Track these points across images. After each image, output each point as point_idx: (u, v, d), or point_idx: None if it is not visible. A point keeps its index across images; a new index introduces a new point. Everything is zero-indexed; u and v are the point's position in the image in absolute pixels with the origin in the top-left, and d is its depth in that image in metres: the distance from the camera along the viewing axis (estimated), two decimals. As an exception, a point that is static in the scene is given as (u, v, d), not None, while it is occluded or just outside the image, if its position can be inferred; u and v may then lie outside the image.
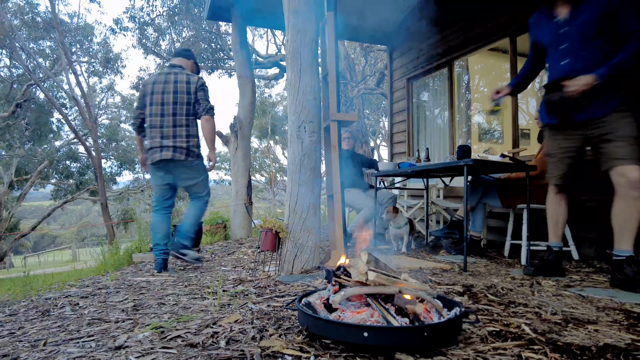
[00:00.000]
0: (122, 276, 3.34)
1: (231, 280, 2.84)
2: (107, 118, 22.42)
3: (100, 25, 27.86)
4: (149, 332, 1.64)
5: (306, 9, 3.13)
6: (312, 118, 3.08)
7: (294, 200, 3.03)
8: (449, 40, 5.63)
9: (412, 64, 6.49)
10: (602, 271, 3.03)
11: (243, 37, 6.52)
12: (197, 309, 2.04)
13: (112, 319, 1.91)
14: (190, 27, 13.73)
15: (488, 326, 1.61)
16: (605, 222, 3.54)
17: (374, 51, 13.66)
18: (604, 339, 1.47)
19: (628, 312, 1.87)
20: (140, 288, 2.73)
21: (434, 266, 3.16)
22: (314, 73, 3.14)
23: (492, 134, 7.45)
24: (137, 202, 23.37)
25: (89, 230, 36.82)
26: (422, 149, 6.26)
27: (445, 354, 1.32)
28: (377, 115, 21.75)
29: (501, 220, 4.71)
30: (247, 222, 6.53)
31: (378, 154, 22.28)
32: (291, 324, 1.67)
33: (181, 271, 3.43)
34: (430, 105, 6.55)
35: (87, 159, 18.86)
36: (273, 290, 2.40)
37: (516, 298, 2.12)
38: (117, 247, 4.76)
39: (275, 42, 16.03)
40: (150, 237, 5.06)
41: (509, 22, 4.67)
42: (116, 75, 18.80)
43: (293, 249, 2.99)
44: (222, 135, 6.96)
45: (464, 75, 6.12)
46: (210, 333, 1.59)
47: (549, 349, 1.36)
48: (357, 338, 1.31)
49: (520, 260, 3.47)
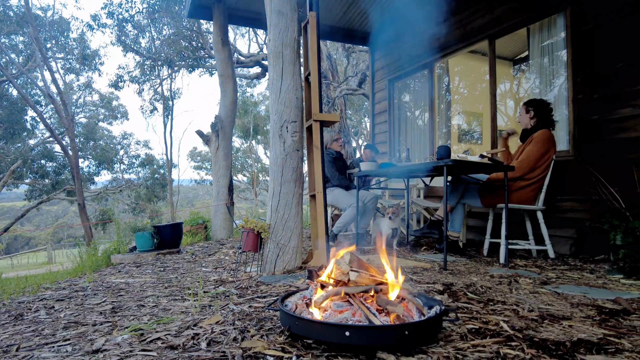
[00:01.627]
0: (100, 278, 3.27)
1: (212, 281, 2.81)
2: (85, 116, 21.91)
3: (76, 20, 27.24)
4: (128, 334, 1.61)
5: (288, 9, 3.13)
6: (294, 118, 3.08)
7: (276, 200, 3.02)
8: (429, 42, 5.70)
9: (393, 65, 6.55)
10: (577, 268, 3.12)
11: (224, 36, 6.47)
12: (178, 310, 2.01)
13: (89, 322, 1.86)
14: (170, 25, 13.54)
15: (468, 324, 1.64)
16: (579, 222, 3.67)
17: (356, 52, 13.72)
18: (578, 334, 1.52)
19: (600, 308, 1.93)
20: (119, 290, 2.67)
21: (415, 265, 3.20)
22: (296, 73, 3.14)
23: (472, 135, 7.57)
24: (115, 203, 22.90)
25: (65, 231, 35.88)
26: (403, 149, 6.32)
27: (426, 352, 1.34)
28: (360, 115, 21.87)
29: (480, 219, 4.80)
30: (228, 223, 6.47)
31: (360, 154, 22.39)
32: (273, 324, 1.67)
33: (161, 272, 3.38)
34: (411, 106, 6.62)
35: (64, 158, 18.37)
36: (255, 290, 2.39)
37: (495, 296, 2.16)
38: (95, 248, 4.65)
39: (257, 41, 15.96)
40: (128, 237, 4.97)
41: (488, 25, 4.76)
42: (94, 72, 18.40)
43: (275, 249, 2.98)
44: (203, 134, 6.88)
45: (444, 77, 6.21)
46: (190, 335, 1.57)
47: (526, 345, 1.39)
48: (339, 337, 1.32)
49: (499, 259, 3.54)
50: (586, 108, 3.72)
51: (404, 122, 6.66)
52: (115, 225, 5.24)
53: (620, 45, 3.45)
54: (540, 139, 3.45)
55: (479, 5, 4.88)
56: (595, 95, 3.64)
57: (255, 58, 13.60)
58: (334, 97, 10.62)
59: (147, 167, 22.85)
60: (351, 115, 21.09)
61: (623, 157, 3.40)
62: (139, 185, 22.49)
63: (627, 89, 3.39)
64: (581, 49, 3.77)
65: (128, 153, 23.49)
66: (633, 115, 3.35)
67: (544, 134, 3.46)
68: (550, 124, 3.56)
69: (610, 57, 3.52)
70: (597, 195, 3.47)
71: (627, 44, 3.40)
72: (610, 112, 3.51)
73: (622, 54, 3.44)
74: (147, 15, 13.58)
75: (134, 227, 4.94)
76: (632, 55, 3.36)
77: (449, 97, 6.19)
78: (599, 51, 3.61)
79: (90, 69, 18.07)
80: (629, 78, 3.37)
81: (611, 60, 3.51)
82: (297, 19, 3.21)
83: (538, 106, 3.60)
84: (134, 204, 21.69)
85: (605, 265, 3.20)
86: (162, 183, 21.72)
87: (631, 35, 3.37)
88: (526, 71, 6.80)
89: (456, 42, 5.25)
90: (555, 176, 3.63)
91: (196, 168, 26.99)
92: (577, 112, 3.79)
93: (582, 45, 3.76)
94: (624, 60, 3.42)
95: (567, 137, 3.90)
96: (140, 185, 22.39)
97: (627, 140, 3.38)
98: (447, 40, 5.39)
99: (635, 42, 3.34)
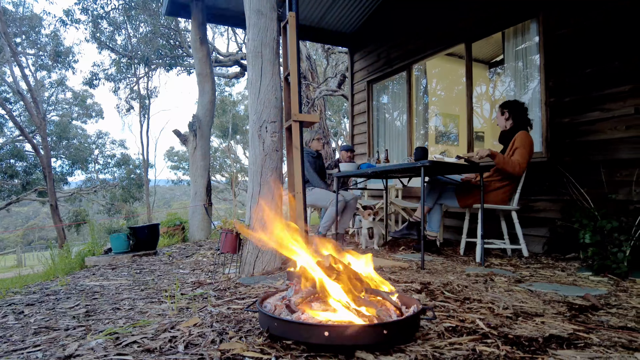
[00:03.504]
0: (74, 281, 3.18)
1: (190, 283, 2.77)
2: (58, 115, 21.27)
3: (49, 16, 26.37)
4: (103, 338, 1.57)
5: (268, 9, 3.12)
6: (273, 118, 3.07)
7: (255, 201, 3.00)
8: (408, 45, 5.77)
9: (372, 67, 6.60)
10: (549, 266, 3.21)
11: (203, 34, 6.39)
12: (154, 313, 1.98)
13: (61, 327, 1.81)
14: (147, 23, 13.28)
15: (445, 322, 1.67)
16: (551, 221, 3.77)
17: (335, 53, 13.77)
18: (550, 330, 1.56)
19: (570, 304, 2.00)
20: (93, 293, 2.61)
21: (393, 265, 3.23)
22: (275, 73, 3.13)
23: (449, 137, 7.70)
24: (90, 203, 22.32)
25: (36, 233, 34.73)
26: (381, 150, 6.38)
27: (404, 350, 1.35)
28: (339, 116, 21.96)
29: (457, 219, 4.89)
30: (206, 224, 6.39)
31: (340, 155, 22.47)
32: (252, 326, 1.66)
33: (137, 274, 3.31)
34: (390, 107, 6.69)
35: (35, 157, 17.78)
36: (233, 292, 2.37)
37: (471, 294, 2.21)
38: (69, 250, 4.51)
39: (237, 40, 15.88)
40: (104, 239, 4.85)
41: (465, 28, 4.85)
42: (67, 69, 17.86)
43: (254, 250, 2.96)
44: (180, 134, 6.78)
45: (422, 79, 6.30)
46: (168, 338, 1.54)
47: (500, 342, 1.43)
48: (318, 338, 1.32)
49: (475, 258, 3.61)
50: (558, 111, 3.83)
51: (383, 124, 6.72)
52: (89, 226, 5.11)
53: (589, 52, 3.57)
54: (526, 142, 3.47)
55: (456, 9, 4.96)
56: (566, 99, 3.76)
57: (234, 57, 13.49)
58: (314, 97, 10.63)
59: (123, 167, 22.37)
60: (331, 116, 21.16)
61: (592, 158, 3.52)
62: (114, 186, 21.99)
63: (595, 93, 3.52)
64: (553, 54, 3.89)
65: (103, 153, 22.95)
66: (601, 118, 3.47)
67: (527, 137, 3.51)
68: (526, 123, 3.64)
69: (580, 63, 3.64)
70: (568, 195, 3.58)
71: (595, 51, 3.52)
72: (580, 115, 3.63)
73: (591, 60, 3.56)
74: (123, 12, 13.29)
75: (109, 228, 4.83)
76: (600, 61, 3.48)
77: (426, 99, 6.28)
78: (570, 56, 3.73)
79: (64, 66, 17.55)
80: (597, 83, 3.50)
81: (581, 66, 3.63)
82: (277, 19, 3.20)
83: (513, 107, 3.68)
84: (109, 205, 21.18)
85: (575, 263, 3.31)
86: (139, 183, 21.29)
87: (599, 42, 3.49)
88: (502, 74, 6.96)
89: (434, 44, 5.33)
90: (530, 177, 3.73)
91: (173, 168, 26.59)
92: (549, 115, 3.90)
93: (554, 51, 3.88)
94: (592, 65, 3.54)
95: (540, 139, 4.01)
96: (116, 186, 21.90)
97: (596, 142, 3.50)
98: (425, 43, 5.47)
99: (602, 49, 3.46)
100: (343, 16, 6.57)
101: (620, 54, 3.35)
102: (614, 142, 3.38)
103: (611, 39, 3.41)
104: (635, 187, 3.18)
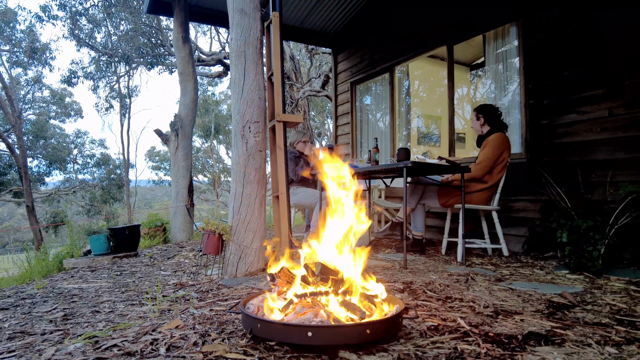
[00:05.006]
0: (51, 284, 3.10)
1: (171, 285, 2.74)
2: (34, 113, 20.69)
3: (24, 11, 25.66)
4: (82, 342, 1.54)
5: (251, 8, 3.10)
6: (257, 118, 3.05)
7: (238, 202, 2.98)
8: (390, 46, 5.82)
9: (356, 68, 6.63)
10: (528, 265, 3.28)
11: (185, 33, 6.32)
12: (135, 315, 1.94)
13: (37, 332, 1.76)
14: (129, 20, 13.05)
15: (427, 321, 1.69)
16: (530, 221, 3.85)
17: (319, 54, 13.78)
18: (529, 328, 1.60)
19: (549, 302, 2.04)
20: (71, 296, 2.55)
21: (376, 265, 3.25)
22: (259, 73, 3.11)
23: (431, 138, 7.79)
24: (68, 204, 21.79)
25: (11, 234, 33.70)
26: (364, 151, 6.41)
27: (387, 349, 1.36)
28: (323, 117, 21.97)
29: (439, 219, 4.95)
30: (188, 225, 6.32)
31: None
32: (235, 327, 1.65)
33: (118, 276, 3.25)
34: (373, 108, 6.73)
35: (10, 157, 17.28)
36: (216, 294, 2.35)
37: (453, 293, 2.24)
38: (46, 252, 4.40)
39: (220, 39, 15.72)
40: (83, 241, 4.75)
41: (447, 31, 4.92)
42: (44, 67, 17.39)
43: (237, 251, 2.94)
44: (162, 133, 6.69)
45: (405, 81, 6.36)
46: (149, 340, 1.52)
47: (481, 339, 1.45)
48: (301, 338, 1.32)
49: (456, 257, 3.66)
50: (537, 113, 3.92)
51: (366, 125, 6.76)
52: (68, 228, 5.00)
53: (567, 55, 3.67)
54: (494, 142, 3.60)
55: (438, 12, 5.03)
56: (545, 101, 3.85)
57: (217, 57, 13.37)
58: (297, 98, 10.62)
59: (103, 167, 21.92)
60: (314, 116, 21.16)
61: (569, 159, 3.61)
62: (94, 186, 21.52)
63: (572, 96, 3.61)
64: (532, 57, 3.97)
65: (82, 152, 22.42)
66: (577, 120, 3.57)
67: (499, 137, 3.62)
68: (502, 127, 3.72)
69: (558, 66, 3.74)
70: (547, 195, 3.66)
71: (573, 54, 3.62)
72: (559, 117, 3.72)
73: (568, 63, 3.65)
74: (103, 9, 13.02)
75: (88, 229, 4.73)
76: (577, 64, 3.58)
77: (409, 100, 6.34)
78: (549, 60, 3.82)
79: (40, 63, 17.08)
80: (574, 86, 3.59)
81: (559, 69, 3.73)
82: (260, 19, 3.18)
83: (487, 112, 3.77)
84: (89, 206, 20.73)
85: (553, 261, 3.38)
86: (119, 184, 20.91)
87: (576, 46, 3.59)
88: (482, 76, 7.08)
89: (416, 46, 5.38)
90: (510, 177, 3.80)
91: (154, 168, 26.18)
92: (529, 117, 3.99)
93: (533, 54, 3.97)
94: (569, 69, 3.64)
95: (520, 140, 4.09)
96: (96, 186, 21.43)
97: (573, 144, 3.60)
98: (407, 45, 5.52)
99: (579, 53, 3.56)
100: (327, 17, 6.58)
101: (595, 59, 3.44)
102: (590, 144, 3.48)
103: (587, 45, 3.51)
104: (609, 188, 3.27)
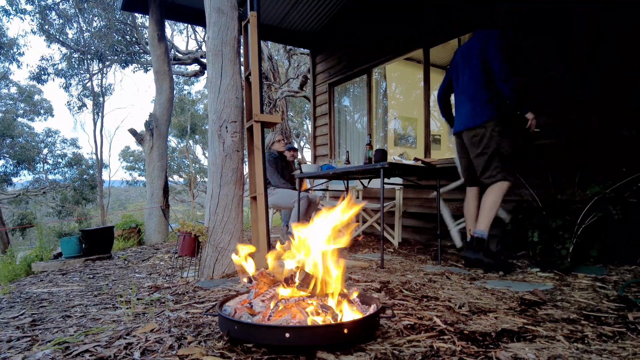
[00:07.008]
0: (18, 288, 2.99)
1: (146, 287, 2.68)
2: (0, 111, 19.89)
3: (-11, 5, 24.67)
4: (51, 349, 1.49)
5: (228, 7, 3.07)
6: (234, 118, 3.03)
7: (215, 203, 2.95)
8: (368, 48, 5.87)
9: (334, 69, 6.65)
10: (501, 264, 3.35)
11: (161, 31, 6.21)
12: (109, 319, 1.90)
13: (3, 339, 1.69)
14: (102, 17, 12.70)
15: (404, 320, 1.71)
16: (504, 221, 3.95)
17: (297, 54, 13.76)
18: (502, 325, 1.64)
19: (521, 300, 2.10)
20: (40, 300, 2.46)
21: (354, 265, 3.27)
22: (236, 72, 3.09)
23: (407, 139, 7.89)
24: (38, 205, 21.02)
25: (-25, 237, 32.27)
26: (342, 152, 6.44)
27: (364, 349, 1.37)
28: (301, 117, 21.96)
29: (415, 219, 5.02)
30: (163, 226, 6.20)
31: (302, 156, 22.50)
32: (211, 330, 1.62)
33: (90, 279, 3.16)
34: (351, 110, 6.77)
35: (-26, 156, 16.58)
36: (192, 296, 2.31)
37: (429, 292, 2.27)
38: (13, 255, 4.24)
39: (196, 38, 15.45)
40: (53, 243, 4.60)
41: (423, 34, 4.99)
42: (11, 63, 16.71)
43: (213, 253, 2.90)
44: (136, 133, 6.54)
45: (382, 83, 6.42)
46: (123, 345, 1.48)
47: (457, 337, 1.48)
48: (279, 339, 1.31)
49: (432, 257, 3.72)
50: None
51: (344, 125, 6.79)
52: (37, 230, 4.83)
53: (534, 60, 3.78)
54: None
55: (415, 16, 5.10)
56: (517, 104, 3.94)
57: (194, 55, 13.19)
58: (275, 98, 10.58)
59: (75, 167, 21.24)
60: (293, 117, 21.12)
61: (540, 161, 3.72)
62: (65, 187, 20.82)
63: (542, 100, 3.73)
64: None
65: (53, 152, 21.67)
66: (546, 124, 3.68)
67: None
68: None
69: (530, 69, 3.84)
70: (520, 196, 3.76)
71: (540, 59, 3.73)
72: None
73: (538, 67, 3.77)
74: (75, 4, 12.63)
75: (59, 231, 4.59)
76: (546, 68, 3.69)
77: (386, 102, 6.41)
78: (521, 63, 3.93)
79: (7, 58, 16.43)
80: (538, 90, 3.71)
81: (530, 72, 3.83)
82: (238, 18, 3.16)
83: None
84: (60, 207, 20.04)
85: (526, 260, 3.48)
86: (92, 184, 20.30)
87: (543, 51, 3.70)
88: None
89: (393, 49, 5.44)
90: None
91: (128, 169, 25.56)
92: (501, 119, 4.07)
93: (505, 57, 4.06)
94: (542, 72, 3.75)
95: (492, 142, 4.18)
96: (67, 187, 20.75)
97: (543, 146, 3.71)
98: (385, 47, 5.57)
99: (545, 58, 3.68)
100: (305, 17, 6.58)
101: (561, 60, 3.57)
102: (560, 146, 3.60)
103: (554, 49, 3.63)
104: (577, 189, 3.39)
